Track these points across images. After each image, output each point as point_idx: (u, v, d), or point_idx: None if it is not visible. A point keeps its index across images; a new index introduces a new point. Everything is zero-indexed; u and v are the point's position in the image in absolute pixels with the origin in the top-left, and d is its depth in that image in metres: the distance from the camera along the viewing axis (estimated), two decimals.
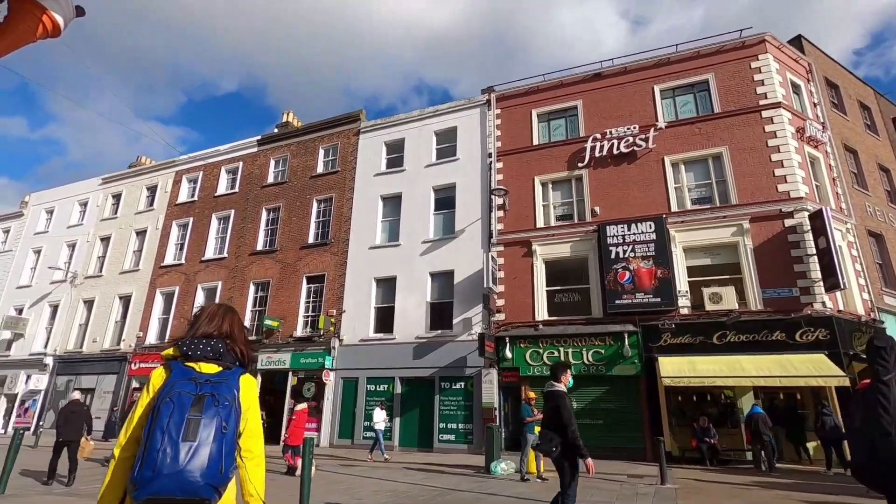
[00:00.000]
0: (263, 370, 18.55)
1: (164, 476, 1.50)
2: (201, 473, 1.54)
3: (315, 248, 19.51)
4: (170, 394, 1.64)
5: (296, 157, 21.74)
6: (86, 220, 26.83)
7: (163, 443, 1.54)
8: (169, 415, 1.59)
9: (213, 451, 1.58)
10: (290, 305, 19.11)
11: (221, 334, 1.92)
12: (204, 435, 1.59)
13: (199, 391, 1.66)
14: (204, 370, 1.76)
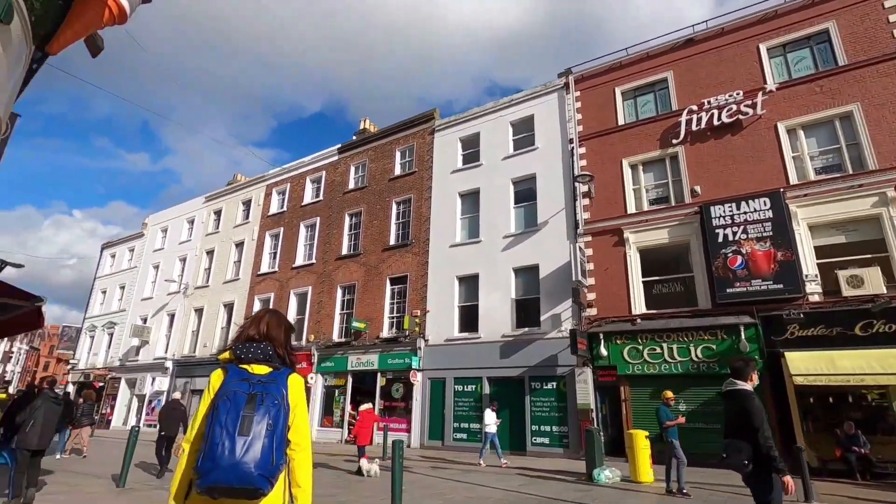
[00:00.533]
0: (353, 371, 18.92)
1: (223, 467, 1.66)
2: (255, 465, 1.69)
3: (396, 250, 19.61)
4: (226, 393, 1.81)
5: (374, 161, 22.09)
6: (193, 236, 29.40)
7: (221, 437, 1.69)
8: (226, 412, 1.75)
9: (265, 444, 1.73)
10: (375, 307, 19.35)
11: (262, 336, 2.04)
12: (257, 430, 1.73)
13: (252, 390, 1.82)
14: (255, 371, 1.92)
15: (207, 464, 1.68)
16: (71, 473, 9.62)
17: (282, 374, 1.95)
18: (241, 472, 1.67)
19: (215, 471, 1.66)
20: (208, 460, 1.68)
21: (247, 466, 1.68)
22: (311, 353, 20.30)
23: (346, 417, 18.62)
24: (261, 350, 1.98)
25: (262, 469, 1.70)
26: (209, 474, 1.67)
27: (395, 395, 17.66)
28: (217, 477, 1.66)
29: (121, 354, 29.58)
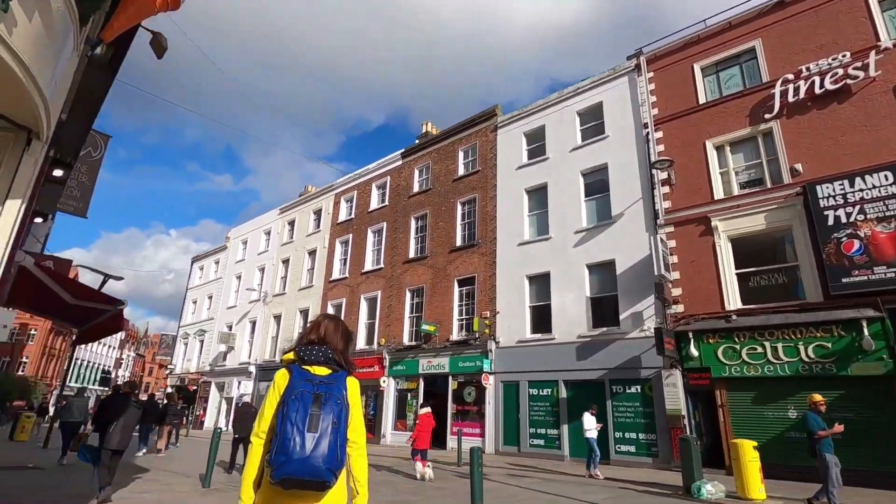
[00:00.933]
0: (424, 374, 18.78)
1: (295, 461, 1.79)
2: (323, 459, 1.82)
3: (463, 251, 19.28)
4: (294, 392, 1.93)
5: (437, 163, 21.97)
6: (270, 247, 30.91)
7: (292, 433, 1.82)
8: (296, 410, 1.88)
9: (331, 440, 1.86)
10: (444, 309, 19.11)
11: (321, 340, 2.19)
12: (323, 427, 1.87)
13: (317, 390, 1.95)
14: (316, 372, 2.05)
15: (281, 457, 1.81)
16: (164, 472, 10.11)
17: (341, 376, 2.09)
18: (311, 466, 1.80)
19: (288, 464, 1.79)
20: (281, 454, 1.81)
21: (316, 460, 1.81)
22: (382, 357, 20.44)
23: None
24: (321, 353, 2.12)
25: (329, 463, 1.84)
26: (283, 467, 1.80)
27: (468, 398, 17.26)
28: (290, 469, 1.79)
29: (210, 360, 31.66)
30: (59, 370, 58.76)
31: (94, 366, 67.64)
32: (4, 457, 11.85)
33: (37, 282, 4.92)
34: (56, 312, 6.33)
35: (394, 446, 18.34)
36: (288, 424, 1.85)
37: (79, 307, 5.49)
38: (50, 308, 6.23)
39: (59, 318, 6.46)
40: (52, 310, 6.29)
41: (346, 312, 23.38)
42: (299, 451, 1.81)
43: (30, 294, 5.83)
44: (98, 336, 5.95)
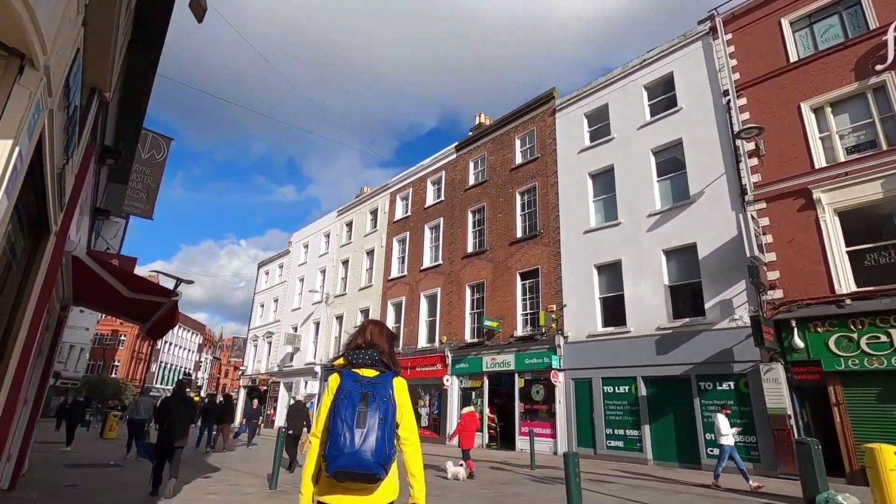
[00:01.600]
0: (489, 373, 18.06)
1: (346, 455, 1.93)
2: (371, 453, 1.95)
3: (525, 243, 18.39)
4: (343, 392, 2.09)
5: (493, 153, 21.20)
6: (330, 249, 31.39)
7: (343, 429, 1.97)
8: (345, 408, 2.03)
9: (379, 435, 1.98)
10: (506, 304, 18.31)
11: (367, 344, 2.32)
12: (371, 423, 2.00)
13: (364, 390, 2.09)
14: (364, 374, 2.19)
15: (333, 452, 1.93)
16: (235, 472, 10.06)
17: (387, 377, 2.19)
18: (361, 459, 1.91)
19: (340, 457, 1.91)
20: (333, 448, 1.93)
21: (365, 454, 1.92)
22: (444, 355, 19.95)
23: (485, 421, 17.79)
24: (368, 356, 2.23)
25: (378, 457, 1.94)
26: (335, 461, 1.91)
27: (536, 397, 16.36)
28: (342, 462, 1.91)
29: (278, 361, 32.61)
30: (147, 372, 63.36)
31: (177, 368, 72.42)
32: (91, 454, 12.38)
33: (94, 276, 4.70)
34: (120, 309, 6.25)
35: None
36: (338, 421, 1.98)
37: (137, 302, 5.24)
38: (113, 305, 6.12)
39: (124, 315, 6.40)
40: (116, 306, 6.19)
41: (405, 311, 23.13)
42: (349, 446, 1.92)
43: (93, 290, 5.70)
44: (161, 331, 5.76)
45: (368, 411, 2.00)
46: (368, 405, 2.02)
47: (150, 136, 10.24)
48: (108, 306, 6.40)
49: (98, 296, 5.81)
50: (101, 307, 6.81)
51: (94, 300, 6.25)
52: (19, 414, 6.16)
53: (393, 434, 2.05)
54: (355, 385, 2.09)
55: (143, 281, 4.85)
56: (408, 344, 22.34)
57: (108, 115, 4.64)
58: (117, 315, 6.63)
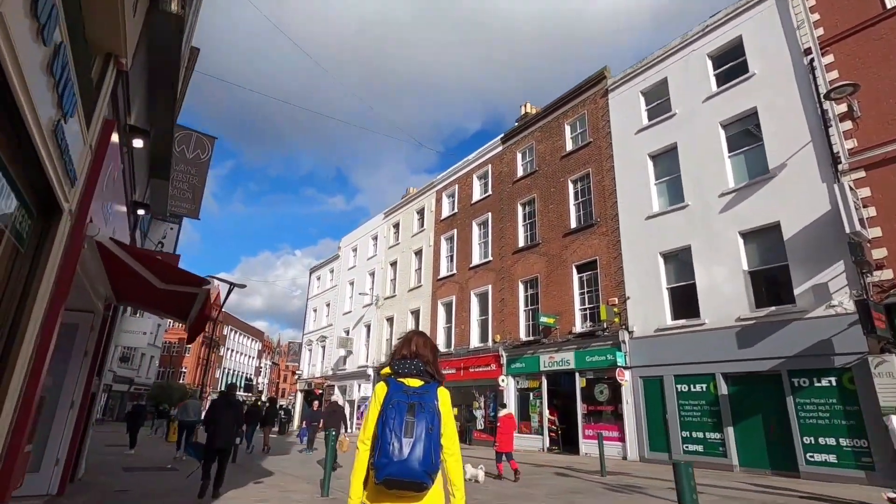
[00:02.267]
0: (547, 372, 17.07)
1: (395, 463, 1.99)
2: (419, 462, 2.01)
3: (580, 233, 17.29)
4: (391, 402, 2.14)
5: (541, 142, 20.21)
6: (378, 251, 31.31)
7: (391, 439, 2.03)
8: (393, 418, 2.09)
9: (426, 445, 2.05)
10: (563, 299, 17.26)
11: (412, 355, 2.36)
12: (418, 433, 2.07)
13: (410, 400, 2.15)
14: (410, 384, 2.24)
15: (383, 460, 2.01)
16: (288, 476, 9.73)
17: (432, 387, 2.25)
18: (409, 468, 1.99)
19: (389, 465, 1.99)
20: (383, 457, 2.01)
21: (413, 463, 1.99)
22: (498, 355, 19.12)
23: (544, 423, 16.81)
24: (413, 366, 2.30)
25: (425, 466, 2.01)
26: (384, 468, 2.00)
27: (600, 397, 15.22)
28: (390, 471, 1.99)
29: (332, 364, 32.86)
30: (212, 378, 66.31)
31: (239, 374, 75.42)
32: (153, 456, 12.50)
33: (124, 267, 4.32)
34: (159, 305, 5.96)
35: (519, 451, 16.86)
36: (387, 431, 2.05)
37: (174, 297, 4.84)
38: (153, 300, 5.82)
39: (166, 312, 6.13)
40: (156, 302, 5.90)
41: (456, 310, 22.49)
42: (398, 455, 2.00)
43: (128, 284, 5.39)
44: (200, 326, 5.37)
45: (416, 421, 2.07)
46: (416, 415, 2.09)
47: (194, 136, 10.15)
48: (148, 302, 6.13)
49: (135, 290, 5.51)
50: (142, 304, 6.56)
51: (134, 296, 5.99)
52: (66, 418, 5.96)
53: (439, 444, 2.12)
54: (402, 395, 2.16)
55: (173, 269, 4.44)
56: (460, 344, 21.67)
57: (129, 88, 4.26)
58: (160, 313, 6.37)
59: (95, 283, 5.41)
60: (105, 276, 5.24)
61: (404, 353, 2.37)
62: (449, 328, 22.86)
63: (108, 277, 5.15)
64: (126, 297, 6.14)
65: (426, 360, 2.33)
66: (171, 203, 9.45)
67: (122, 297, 6.16)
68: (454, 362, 21.37)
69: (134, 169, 5.58)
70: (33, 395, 3.28)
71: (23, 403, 3.23)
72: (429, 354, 2.37)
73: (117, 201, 5.10)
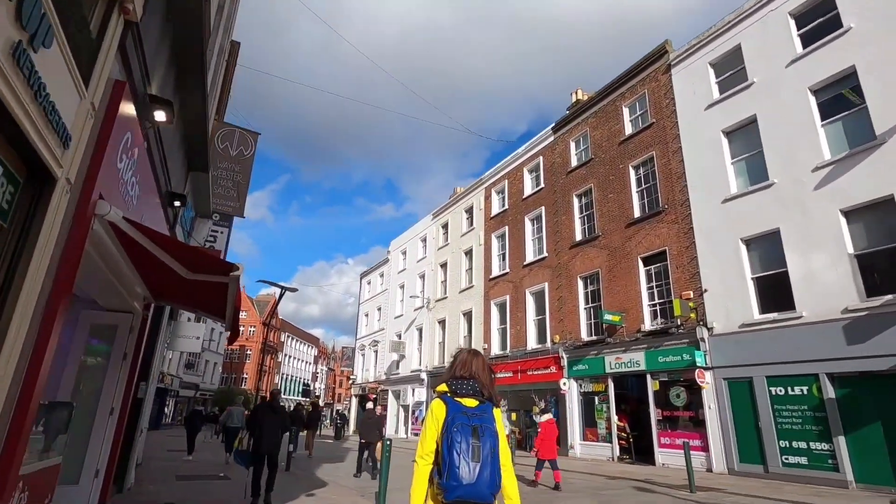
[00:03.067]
0: (613, 374, 15.73)
1: (464, 486, 2.08)
2: (486, 485, 2.11)
3: (645, 222, 15.86)
4: (455, 424, 2.20)
5: (596, 128, 18.90)
6: (427, 253, 30.77)
7: (460, 462, 2.12)
8: (459, 441, 2.16)
9: (491, 468, 2.15)
10: (628, 295, 15.88)
11: (471, 375, 2.40)
12: (484, 456, 2.15)
13: (472, 422, 2.22)
14: (467, 404, 2.30)
15: (453, 482, 2.08)
16: (343, 488, 9.14)
17: (488, 408, 2.32)
18: (478, 491, 2.08)
19: (459, 488, 2.07)
20: (453, 479, 2.09)
21: (482, 486, 2.09)
22: (558, 356, 17.92)
23: (613, 430, 15.46)
24: (470, 387, 2.36)
25: (491, 487, 2.12)
26: (455, 490, 2.08)
27: (676, 402, 13.75)
28: (461, 493, 2.08)
29: (385, 369, 32.59)
30: (270, 383, 68.36)
31: (297, 379, 77.42)
32: (207, 464, 12.33)
33: (145, 254, 3.77)
34: (196, 302, 5.46)
35: (586, 459, 15.61)
36: (455, 454, 2.12)
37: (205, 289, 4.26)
38: (186, 296, 5.33)
39: (202, 310, 5.64)
40: (190, 298, 5.40)
41: (510, 310, 21.46)
42: (468, 478, 2.08)
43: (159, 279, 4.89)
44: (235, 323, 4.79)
45: (481, 444, 2.15)
46: (480, 438, 2.16)
47: (237, 133, 9.84)
48: (184, 299, 5.66)
49: (168, 285, 5.02)
50: (180, 302, 6.11)
51: (169, 294, 5.53)
52: (106, 426, 5.56)
53: (499, 465, 2.19)
54: (464, 417, 2.22)
55: (198, 254, 3.85)
56: (516, 346, 20.62)
57: (143, 47, 3.71)
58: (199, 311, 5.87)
59: (127, 280, 4.94)
60: (135, 271, 4.76)
61: (463, 373, 2.41)
62: (504, 329, 21.85)
63: (136, 270, 4.66)
64: (162, 294, 5.70)
65: (483, 382, 2.39)
66: (214, 201, 9.15)
67: (158, 294, 5.72)
68: (510, 365, 20.34)
69: (164, 153, 5.12)
70: (27, 405, 2.71)
71: (15, 413, 2.66)
72: (486, 378, 2.42)
73: (145, 186, 4.60)
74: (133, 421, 6.90)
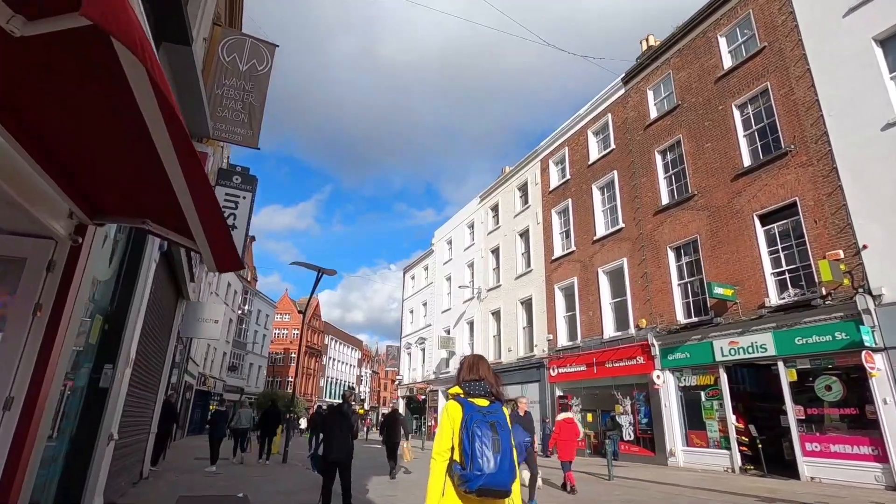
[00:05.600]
0: (726, 362, 12.54)
1: (487, 475, 2.24)
2: (507, 473, 2.29)
3: (761, 171, 12.61)
4: (475, 421, 2.36)
5: (682, 69, 15.71)
6: (476, 239, 28.08)
7: (483, 454, 2.27)
8: (481, 435, 2.31)
9: (509, 458, 2.33)
10: (741, 263, 12.65)
11: (480, 377, 2.61)
12: (502, 448, 2.32)
13: (488, 419, 2.38)
14: (479, 404, 2.48)
15: (476, 472, 2.23)
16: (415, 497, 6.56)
17: (498, 406, 2.53)
18: (499, 479, 2.25)
19: (482, 476, 2.22)
20: (476, 469, 2.24)
21: (503, 475, 2.26)
22: (647, 344, 14.81)
23: (731, 433, 12.25)
24: (481, 388, 2.56)
25: (510, 475, 2.31)
26: (478, 479, 2.22)
27: (826, 396, 10.45)
28: (483, 481, 2.22)
29: (433, 367, 30.08)
30: (316, 387, 67.39)
31: (342, 382, 76.35)
32: (225, 480, 10.09)
33: None
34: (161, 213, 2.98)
35: (693, 470, 12.46)
36: (477, 447, 2.27)
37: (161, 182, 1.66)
38: (142, 203, 2.85)
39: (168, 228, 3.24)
40: (147, 206, 2.93)
41: (579, 294, 18.46)
42: (490, 468, 2.23)
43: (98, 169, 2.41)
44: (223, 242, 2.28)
45: (499, 438, 2.32)
46: (498, 433, 2.34)
47: (248, 43, 7.51)
48: (139, 209, 3.18)
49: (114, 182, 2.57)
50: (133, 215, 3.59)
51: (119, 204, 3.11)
52: None
53: (514, 456, 2.37)
54: (479, 415, 2.39)
55: None
56: (588, 335, 17.61)
57: None
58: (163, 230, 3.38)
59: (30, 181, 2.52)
60: None
61: (473, 377, 2.60)
62: (572, 317, 18.86)
63: None
64: (107, 204, 3.26)
65: (491, 383, 2.59)
66: (217, 126, 6.82)
67: (100, 205, 3.29)
68: (582, 357, 17.35)
69: None
70: None
71: None
72: (492, 378, 2.62)
73: None
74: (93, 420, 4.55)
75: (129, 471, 7.46)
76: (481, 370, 2.62)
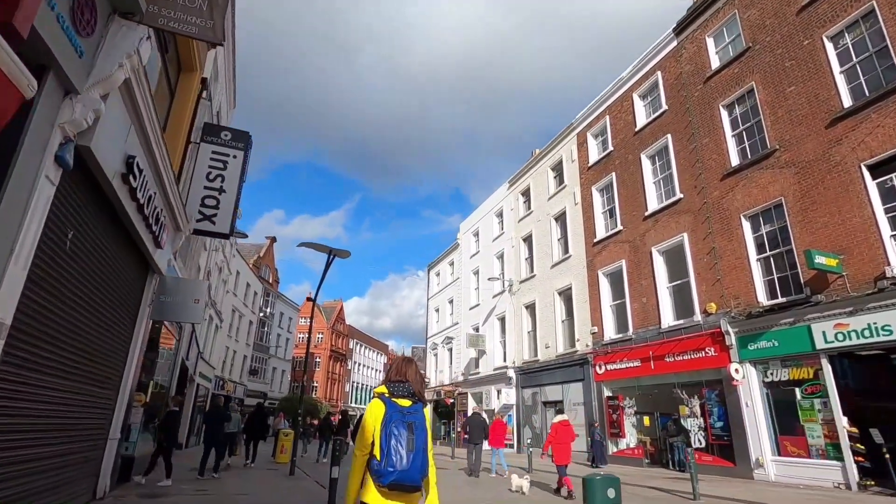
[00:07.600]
0: (830, 350, 10.01)
1: (399, 471, 2.35)
2: (417, 470, 2.39)
3: (869, 110, 10.10)
4: (393, 420, 2.48)
5: (751, 6, 13.27)
6: (505, 228, 25.87)
7: (397, 451, 2.39)
8: (396, 434, 2.43)
9: (422, 457, 2.44)
10: (846, 227, 10.14)
11: (404, 379, 2.70)
12: (416, 446, 2.44)
13: (406, 419, 2.51)
14: (402, 404, 2.59)
15: (389, 468, 2.35)
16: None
17: (419, 407, 2.63)
18: (410, 475, 2.36)
19: (395, 472, 2.34)
20: (390, 465, 2.35)
21: (414, 472, 2.37)
22: (719, 332, 12.36)
23: (843, 440, 9.70)
24: (404, 389, 2.65)
25: (421, 473, 2.41)
26: (391, 475, 2.33)
27: None
28: (396, 476, 2.33)
29: (462, 368, 27.91)
30: (341, 392, 65.93)
31: (367, 387, 74.80)
32: (225, 494, 8.16)
33: None
34: None
35: (789, 485, 9.94)
36: (392, 444, 2.39)
37: None
38: None
39: None
40: None
41: (629, 279, 16.07)
42: (403, 464, 2.35)
43: None
44: None
45: (414, 437, 2.44)
46: (413, 432, 2.45)
47: None
48: None
49: None
50: None
51: None
52: None
53: (427, 455, 2.48)
54: (399, 414, 2.50)
55: None
56: (642, 325, 15.18)
57: None
58: None
59: None
60: None
61: (398, 377, 2.69)
62: (620, 305, 16.46)
63: None
64: None
65: (415, 383, 2.68)
66: (165, 11, 4.90)
67: None
68: (636, 351, 14.95)
69: None
70: None
71: None
72: (417, 380, 2.71)
73: None
74: None
75: (71, 486, 5.60)
76: (408, 372, 2.74)
